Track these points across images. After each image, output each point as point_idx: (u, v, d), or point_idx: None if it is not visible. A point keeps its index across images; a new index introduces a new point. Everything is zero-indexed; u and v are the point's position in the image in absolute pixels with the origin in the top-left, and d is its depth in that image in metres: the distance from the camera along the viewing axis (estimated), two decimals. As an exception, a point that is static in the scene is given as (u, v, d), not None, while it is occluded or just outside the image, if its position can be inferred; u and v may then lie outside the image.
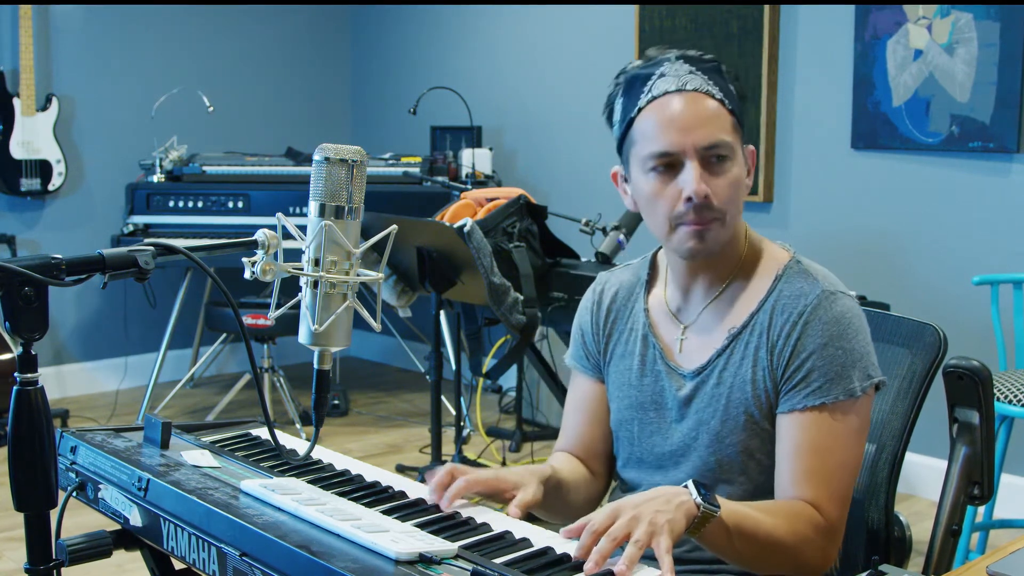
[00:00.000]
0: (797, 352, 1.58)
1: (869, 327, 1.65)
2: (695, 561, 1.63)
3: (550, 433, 4.62)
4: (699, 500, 1.41)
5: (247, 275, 1.42)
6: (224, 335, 5.08)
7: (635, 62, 1.67)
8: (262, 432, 1.86)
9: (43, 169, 4.95)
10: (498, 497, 1.60)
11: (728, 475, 1.64)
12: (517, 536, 1.40)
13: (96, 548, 1.58)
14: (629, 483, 1.77)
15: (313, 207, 1.38)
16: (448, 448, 4.03)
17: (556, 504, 1.71)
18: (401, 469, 4.17)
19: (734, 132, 1.60)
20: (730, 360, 1.63)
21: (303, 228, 1.40)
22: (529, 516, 1.71)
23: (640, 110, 1.61)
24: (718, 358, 1.64)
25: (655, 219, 1.63)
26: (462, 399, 4.11)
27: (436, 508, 1.51)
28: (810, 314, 1.58)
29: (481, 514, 1.48)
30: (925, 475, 3.81)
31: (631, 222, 3.75)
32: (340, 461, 1.71)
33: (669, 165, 1.59)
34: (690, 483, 1.43)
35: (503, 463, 4.24)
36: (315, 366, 1.44)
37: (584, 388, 1.83)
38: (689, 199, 1.57)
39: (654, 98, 1.60)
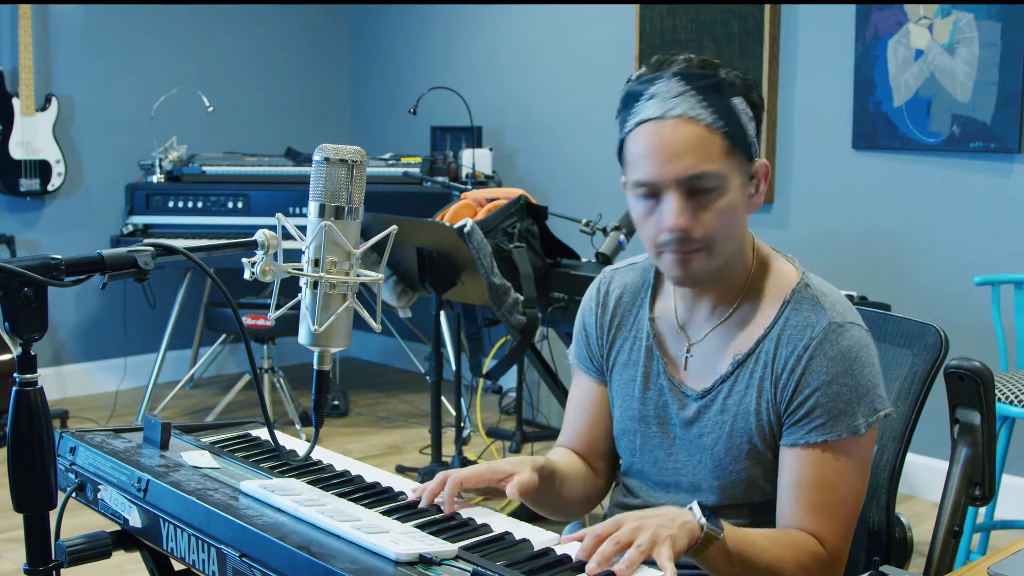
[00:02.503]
0: (801, 387, 1.55)
1: (871, 329, 1.64)
2: (691, 567, 1.63)
3: (550, 434, 4.61)
4: (703, 521, 1.41)
5: (247, 276, 1.41)
6: (224, 336, 5.07)
7: (639, 71, 1.60)
8: (262, 433, 1.86)
9: (42, 169, 4.95)
10: (492, 489, 1.59)
11: (731, 499, 1.63)
12: (517, 537, 1.40)
13: (95, 549, 1.58)
14: (630, 488, 1.76)
15: (313, 207, 1.38)
16: (448, 449, 4.02)
17: (549, 495, 1.70)
18: (401, 470, 4.17)
19: (726, 157, 1.52)
20: (734, 388, 1.61)
21: (303, 228, 1.40)
22: (530, 516, 1.71)
23: (628, 132, 1.56)
24: (722, 384, 1.62)
25: (644, 242, 1.61)
26: (462, 400, 4.11)
27: (436, 509, 1.51)
28: (816, 348, 1.55)
29: (481, 515, 1.48)
30: (926, 476, 3.81)
31: (631, 223, 3.74)
32: (340, 462, 1.71)
33: (652, 193, 1.54)
34: (695, 504, 1.43)
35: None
36: (315, 367, 1.44)
37: (586, 389, 1.82)
38: (671, 230, 1.53)
39: (639, 123, 1.54)
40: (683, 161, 1.50)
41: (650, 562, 1.33)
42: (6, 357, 4.29)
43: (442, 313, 4.00)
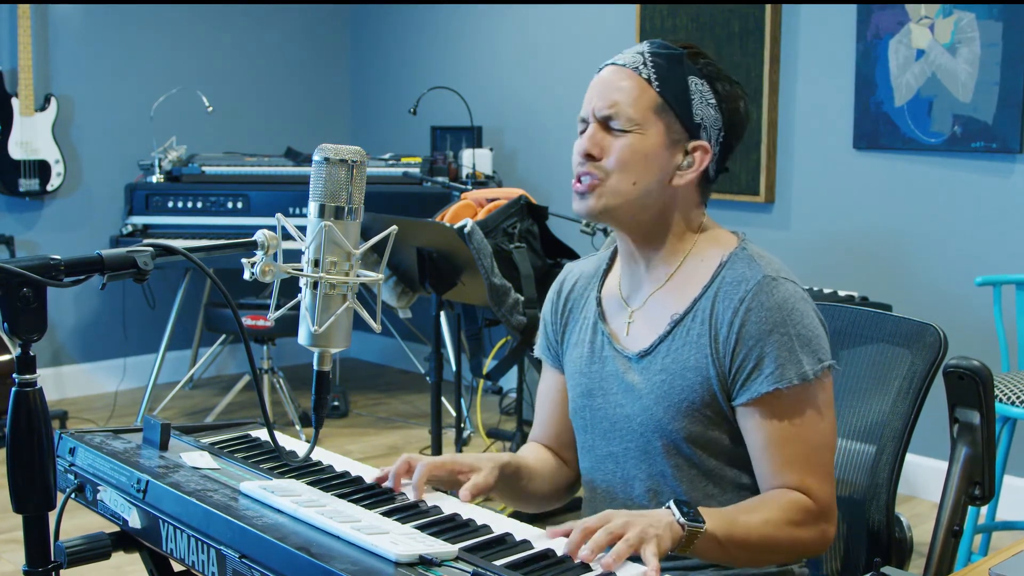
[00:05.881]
0: (742, 341, 1.58)
1: (870, 329, 1.64)
2: (678, 561, 1.63)
3: (550, 434, 4.60)
4: (681, 520, 1.43)
5: (247, 276, 1.41)
6: (223, 336, 5.07)
7: None
8: (261, 434, 1.86)
9: (42, 169, 4.94)
10: (454, 480, 1.64)
11: (675, 460, 1.64)
12: (518, 538, 1.39)
13: (95, 550, 1.58)
14: (584, 472, 1.78)
15: (313, 208, 1.37)
16: (449, 450, 4.02)
17: (516, 490, 1.75)
18: (401, 470, 4.15)
19: (652, 112, 1.62)
20: (672, 346, 1.64)
21: (303, 229, 1.40)
22: (531, 517, 1.70)
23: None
24: (661, 343, 1.65)
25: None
26: (462, 400, 4.10)
27: (437, 510, 1.50)
28: (751, 300, 1.58)
29: (482, 516, 1.48)
30: (926, 476, 3.81)
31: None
32: (340, 463, 1.71)
33: (585, 130, 1.67)
34: (672, 503, 1.46)
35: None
36: (315, 367, 1.43)
37: (549, 379, 1.87)
38: (578, 151, 1.65)
39: (599, 70, 1.71)
40: (607, 99, 1.64)
41: (635, 557, 1.34)
42: (5, 358, 4.29)
43: (442, 313, 3.99)
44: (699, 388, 1.60)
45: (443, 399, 4.13)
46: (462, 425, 4.05)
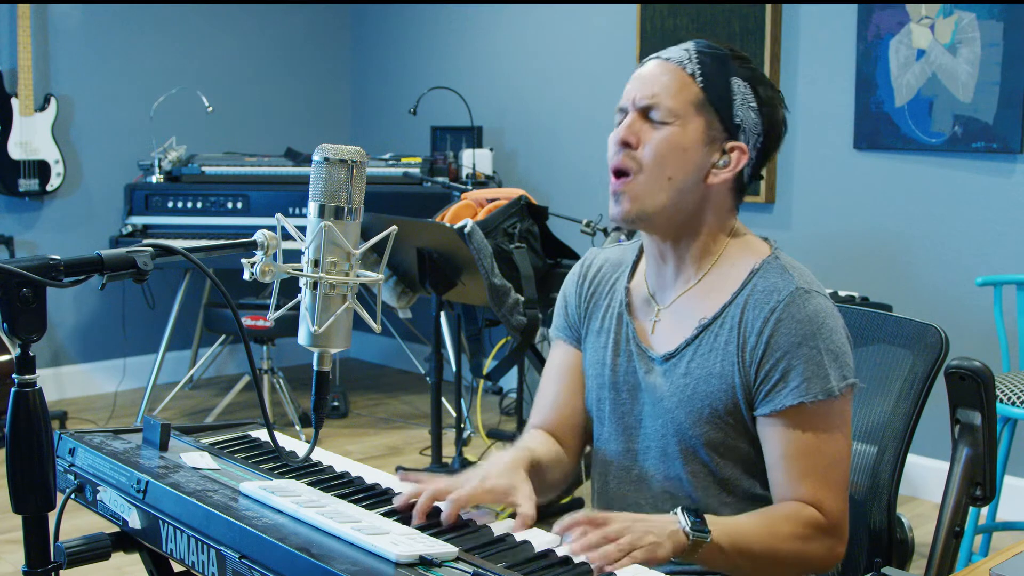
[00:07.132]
0: (771, 350, 1.57)
1: (871, 330, 1.64)
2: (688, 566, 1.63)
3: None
4: (687, 528, 1.43)
5: (246, 276, 1.41)
6: (223, 336, 5.07)
7: None
8: (261, 434, 1.85)
9: (41, 169, 4.94)
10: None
11: (692, 467, 1.64)
12: (518, 539, 1.39)
13: (94, 550, 1.57)
14: (598, 464, 1.76)
15: (312, 208, 1.37)
16: (448, 450, 4.02)
17: (535, 485, 1.70)
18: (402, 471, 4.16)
19: (693, 106, 1.61)
20: (698, 351, 1.63)
21: (302, 229, 1.40)
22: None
23: None
24: (687, 347, 1.64)
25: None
26: (462, 401, 4.10)
27: (436, 511, 1.50)
28: (782, 311, 1.57)
29: (482, 517, 1.48)
30: (928, 477, 3.81)
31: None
32: (340, 463, 1.71)
33: (623, 121, 1.65)
34: (679, 511, 1.45)
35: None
36: (315, 367, 1.43)
37: (564, 357, 1.82)
38: (615, 141, 1.63)
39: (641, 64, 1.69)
40: (648, 88, 1.62)
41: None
42: (5, 358, 4.29)
43: (442, 314, 3.99)
44: (722, 395, 1.60)
45: (443, 399, 4.13)
46: (462, 425, 4.05)
